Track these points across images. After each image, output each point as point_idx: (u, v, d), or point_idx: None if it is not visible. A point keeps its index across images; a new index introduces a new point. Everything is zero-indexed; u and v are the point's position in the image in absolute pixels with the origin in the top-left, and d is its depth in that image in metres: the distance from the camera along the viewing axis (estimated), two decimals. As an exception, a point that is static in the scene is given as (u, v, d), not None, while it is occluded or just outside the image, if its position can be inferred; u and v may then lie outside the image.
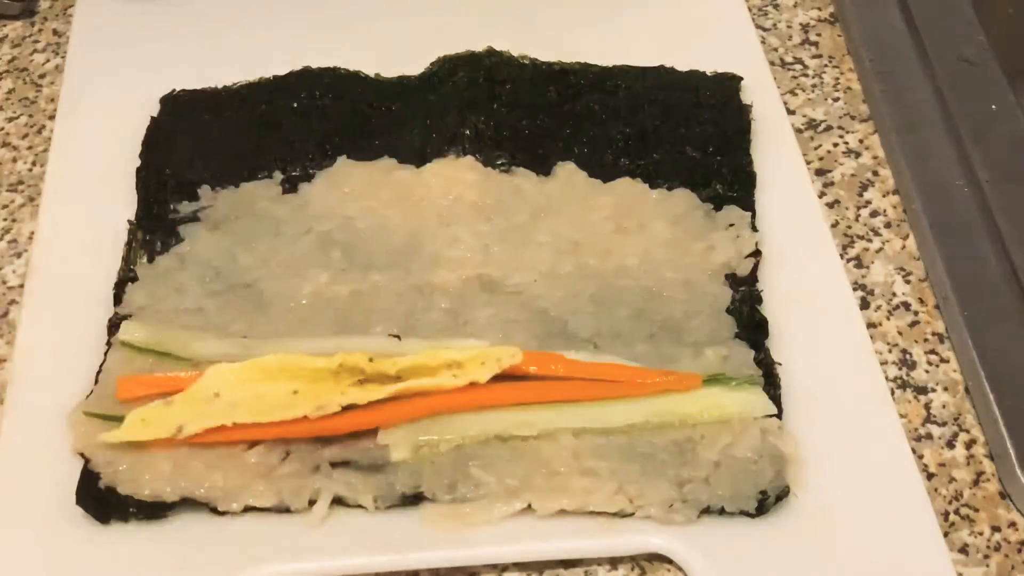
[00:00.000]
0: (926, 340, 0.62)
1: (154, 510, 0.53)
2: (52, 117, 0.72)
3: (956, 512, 0.56)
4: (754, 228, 0.63)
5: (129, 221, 0.64)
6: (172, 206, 0.64)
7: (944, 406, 0.59)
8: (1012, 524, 0.55)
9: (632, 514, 0.53)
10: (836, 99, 0.74)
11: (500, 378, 0.55)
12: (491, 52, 0.71)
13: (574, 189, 0.64)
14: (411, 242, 0.62)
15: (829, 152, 0.71)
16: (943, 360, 0.61)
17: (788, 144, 0.69)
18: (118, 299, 0.60)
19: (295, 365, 0.55)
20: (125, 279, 0.61)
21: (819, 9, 0.80)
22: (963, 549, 0.54)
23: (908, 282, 0.65)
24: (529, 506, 0.53)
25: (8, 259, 0.66)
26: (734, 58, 0.72)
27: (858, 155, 0.71)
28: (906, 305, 0.64)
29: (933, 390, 0.60)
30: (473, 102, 0.68)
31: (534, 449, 0.54)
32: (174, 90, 0.71)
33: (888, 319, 0.63)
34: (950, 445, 0.58)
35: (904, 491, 0.55)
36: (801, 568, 0.52)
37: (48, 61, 0.77)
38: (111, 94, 0.72)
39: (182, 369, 0.57)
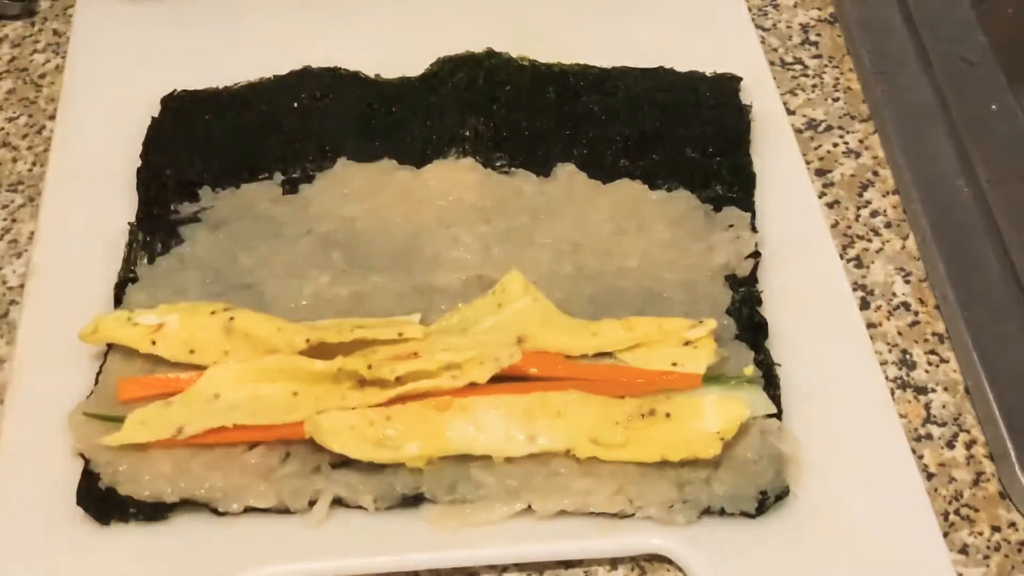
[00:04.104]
0: (926, 340, 0.62)
1: (154, 511, 0.53)
2: (52, 117, 0.72)
3: (956, 512, 0.56)
4: (754, 229, 0.63)
5: (130, 223, 0.64)
6: (172, 207, 0.64)
7: (944, 406, 0.59)
8: (1012, 524, 0.55)
9: (632, 515, 0.53)
10: (836, 99, 0.74)
11: (500, 379, 0.55)
12: (491, 53, 0.71)
13: (574, 190, 0.64)
14: (411, 243, 0.62)
15: (829, 152, 0.71)
16: (943, 360, 0.61)
17: (788, 144, 0.69)
18: (118, 299, 0.60)
19: (295, 367, 0.55)
20: (125, 280, 0.61)
21: (819, 9, 0.80)
22: (963, 549, 0.54)
23: (908, 282, 0.65)
24: (529, 507, 0.53)
25: (8, 259, 0.66)
26: (734, 58, 0.72)
27: (858, 155, 0.71)
28: (906, 305, 0.64)
29: (933, 390, 0.60)
30: (473, 103, 0.68)
31: (534, 449, 0.54)
32: (174, 90, 0.71)
33: (888, 319, 0.63)
34: (950, 445, 0.58)
35: (904, 491, 0.55)
36: (801, 568, 0.53)
37: (48, 61, 0.77)
38: (111, 94, 0.72)
39: (182, 370, 0.57)
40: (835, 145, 0.71)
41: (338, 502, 0.54)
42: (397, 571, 0.53)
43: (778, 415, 0.56)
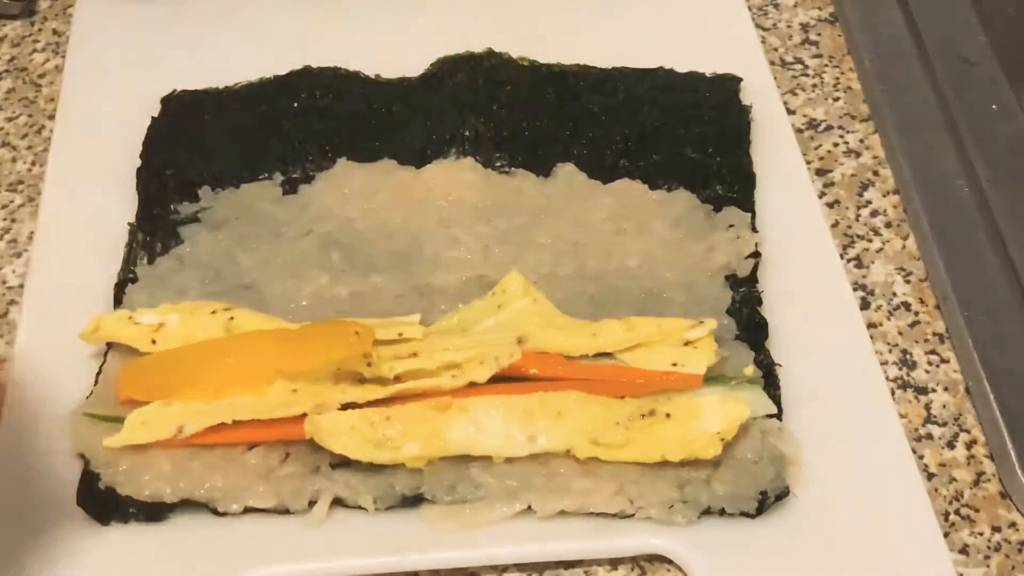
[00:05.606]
0: (926, 340, 0.62)
1: (154, 511, 0.53)
2: (52, 117, 0.72)
3: (956, 512, 0.56)
4: (754, 229, 0.63)
5: (129, 223, 0.64)
6: (172, 207, 0.64)
7: (944, 406, 0.59)
8: (1012, 524, 0.55)
9: (632, 515, 0.53)
10: (836, 99, 0.74)
11: (500, 379, 0.55)
12: (491, 53, 0.71)
13: (574, 190, 0.64)
14: (411, 243, 0.62)
15: (829, 152, 0.71)
16: (943, 360, 0.61)
17: (788, 144, 0.69)
18: (118, 299, 0.60)
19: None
20: (125, 280, 0.61)
21: (819, 9, 0.80)
22: (963, 549, 0.54)
23: (908, 282, 0.65)
24: (529, 507, 0.53)
25: (8, 259, 0.66)
26: (734, 58, 0.72)
27: (858, 155, 0.71)
28: (906, 305, 0.64)
29: (933, 390, 0.60)
30: (473, 103, 0.68)
31: (534, 449, 0.54)
32: (174, 90, 0.71)
33: (888, 319, 0.63)
34: (950, 445, 0.58)
35: (904, 491, 0.55)
36: (801, 568, 0.53)
37: (48, 61, 0.77)
38: (111, 94, 0.72)
39: (182, 369, 0.57)
40: (835, 145, 0.71)
41: (338, 502, 0.54)
42: (397, 571, 0.53)
43: (778, 415, 0.56)
